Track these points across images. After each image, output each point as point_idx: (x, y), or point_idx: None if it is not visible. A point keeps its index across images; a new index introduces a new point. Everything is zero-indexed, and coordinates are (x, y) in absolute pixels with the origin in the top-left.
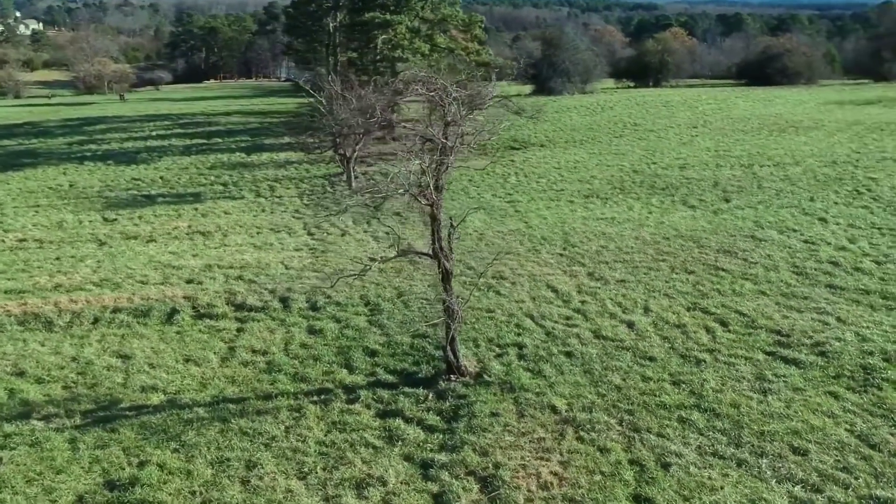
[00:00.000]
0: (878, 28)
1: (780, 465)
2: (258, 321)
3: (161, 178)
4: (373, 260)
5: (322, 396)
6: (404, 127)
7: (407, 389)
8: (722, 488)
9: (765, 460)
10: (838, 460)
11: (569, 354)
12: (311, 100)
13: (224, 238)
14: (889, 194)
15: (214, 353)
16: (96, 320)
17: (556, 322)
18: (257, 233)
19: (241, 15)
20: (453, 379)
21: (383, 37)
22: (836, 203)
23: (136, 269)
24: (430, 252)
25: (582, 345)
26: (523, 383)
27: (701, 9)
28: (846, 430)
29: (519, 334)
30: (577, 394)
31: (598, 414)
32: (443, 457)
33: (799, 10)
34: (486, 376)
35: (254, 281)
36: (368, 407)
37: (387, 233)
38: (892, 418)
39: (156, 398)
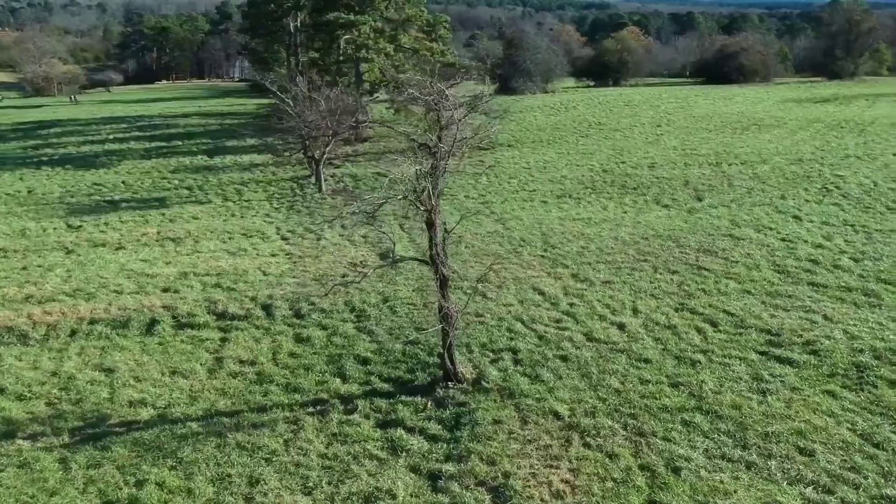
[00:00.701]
0: (832, 27)
1: (789, 466)
2: (242, 330)
3: (123, 182)
4: (359, 266)
5: (318, 407)
6: (371, 128)
7: (405, 398)
8: (735, 492)
9: (773, 462)
10: (845, 460)
11: (564, 358)
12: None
13: (196, 244)
14: (857, 191)
15: (201, 364)
16: (73, 332)
17: (546, 325)
18: (230, 238)
19: (193, 14)
20: (451, 386)
21: (346, 37)
22: (807, 201)
23: (109, 279)
24: (427, 258)
25: (576, 348)
26: (522, 389)
27: (653, 7)
28: (848, 429)
29: (511, 339)
30: (578, 398)
31: (601, 419)
32: (450, 467)
33: (748, 8)
34: (484, 383)
35: (233, 288)
36: (368, 417)
37: (364, 237)
38: (892, 416)
39: (145, 413)
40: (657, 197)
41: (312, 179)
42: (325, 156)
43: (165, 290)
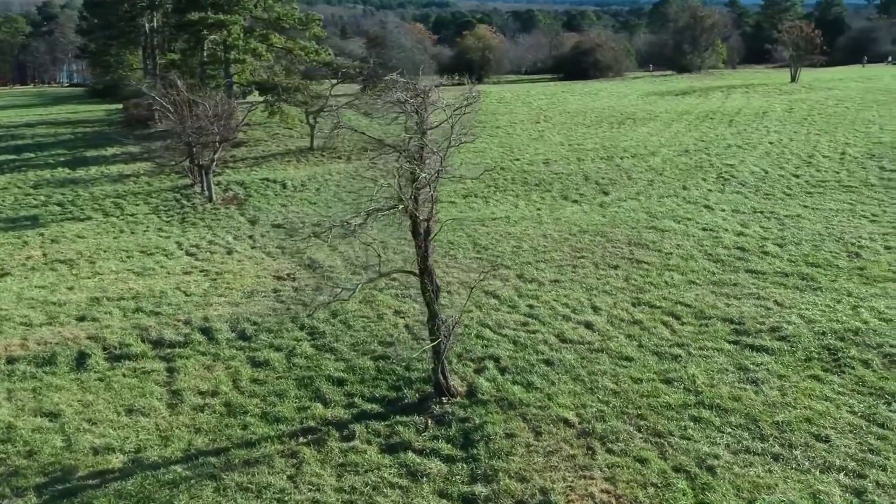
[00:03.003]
0: (678, 23)
1: (813, 454)
2: (186, 358)
3: None
4: (288, 280)
5: (310, 437)
6: (243, 132)
7: (400, 418)
8: (776, 485)
9: (797, 451)
10: (860, 443)
11: (548, 362)
12: (131, 107)
13: (93, 266)
14: (752, 179)
15: (157, 399)
16: None
17: (515, 330)
18: (128, 257)
19: (11, 15)
20: (445, 401)
21: (212, 37)
22: (710, 190)
23: (10, 310)
24: (417, 269)
25: (554, 351)
26: (520, 398)
27: (492, 6)
28: (849, 412)
29: (486, 346)
30: (581, 403)
31: (613, 422)
32: (481, 488)
33: (580, 6)
34: (479, 394)
35: (157, 312)
36: (369, 443)
37: (280, 248)
38: (883, 396)
39: (116, 460)
40: (563, 193)
41: (197, 189)
42: (214, 163)
43: (81, 319)
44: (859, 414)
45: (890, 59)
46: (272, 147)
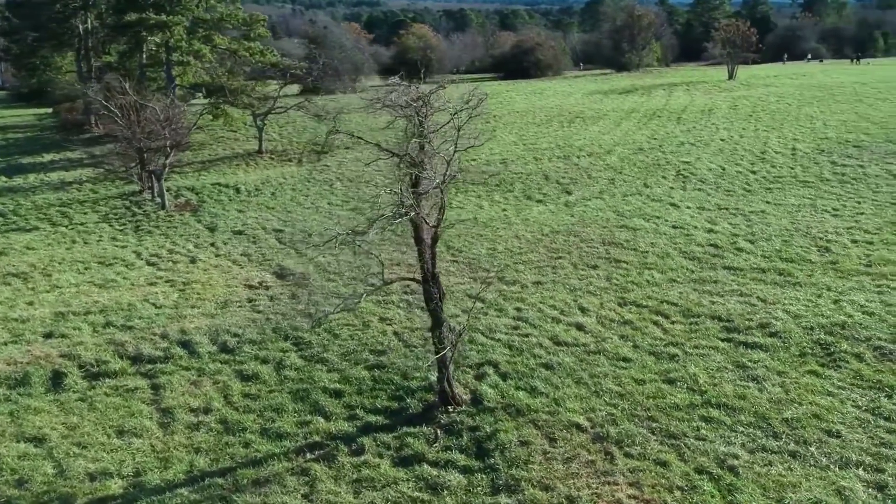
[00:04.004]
0: (616, 22)
1: (828, 450)
2: (169, 374)
3: None
4: (260, 288)
5: (317, 452)
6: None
7: (407, 429)
8: (800, 484)
9: (812, 448)
10: (871, 437)
11: (547, 366)
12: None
13: (50, 279)
14: (711, 176)
15: (147, 418)
16: None
17: (508, 334)
18: (86, 269)
19: None
20: (451, 410)
21: (151, 38)
22: (672, 188)
23: None
24: (420, 277)
25: (551, 354)
26: (527, 404)
27: (423, 5)
28: (853, 406)
29: (481, 351)
30: (589, 407)
31: (625, 426)
32: (506, 499)
33: (511, 5)
34: (485, 402)
35: (130, 326)
36: (380, 456)
37: (246, 256)
38: (883, 389)
39: (115, 485)
40: (526, 192)
41: (147, 195)
42: (167, 169)
43: (49, 336)
44: (864, 408)
45: (809, 56)
46: (219, 151)
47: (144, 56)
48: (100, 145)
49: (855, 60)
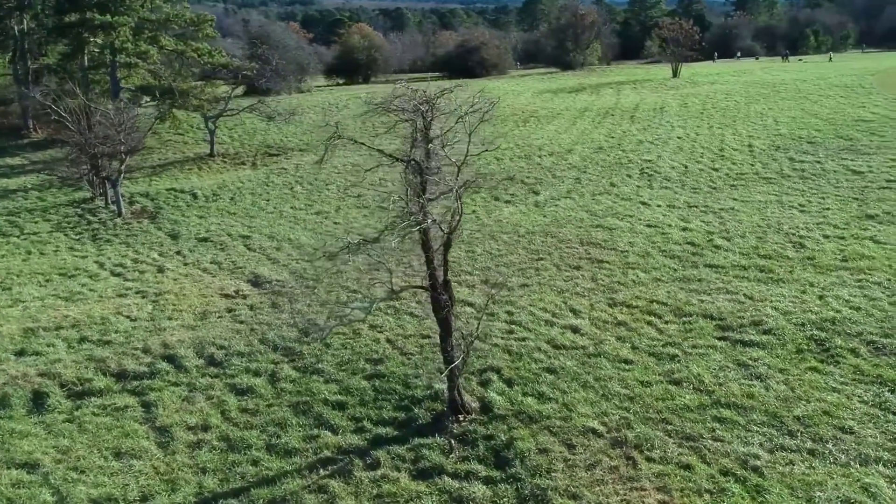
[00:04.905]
0: (560, 21)
1: (846, 447)
2: (158, 390)
3: None
4: (237, 296)
5: (331, 468)
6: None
7: (420, 441)
8: (825, 482)
9: (830, 445)
10: (884, 432)
11: (550, 371)
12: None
13: (10, 292)
14: (675, 174)
15: (144, 438)
16: None
17: (504, 338)
18: (47, 281)
19: None
20: (461, 419)
21: (93, 40)
22: (639, 187)
23: None
24: (429, 285)
25: (551, 358)
26: (537, 410)
27: (357, 4)
28: (860, 402)
29: (481, 357)
30: (602, 411)
31: (641, 429)
32: None
33: (446, 4)
34: (495, 409)
35: (107, 341)
36: (397, 469)
37: (216, 264)
38: (885, 384)
39: None
40: (493, 193)
41: (99, 202)
42: (121, 175)
43: (21, 354)
44: (871, 403)
45: (738, 54)
46: (168, 155)
47: (86, 58)
48: (41, 151)
49: (784, 58)
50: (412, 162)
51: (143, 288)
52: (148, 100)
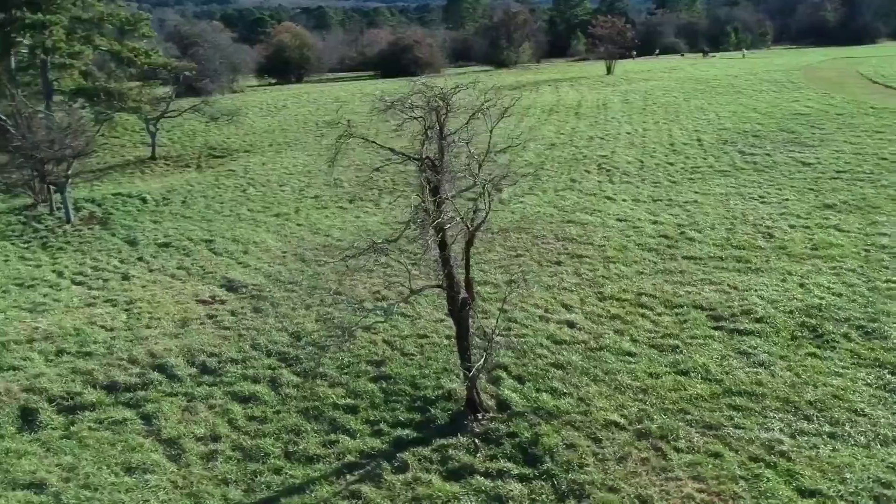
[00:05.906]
0: (493, 19)
1: (863, 429)
2: (155, 401)
3: None
4: (216, 302)
5: (357, 472)
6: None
7: (442, 441)
8: (852, 463)
9: (847, 428)
10: (895, 413)
11: (557, 366)
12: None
13: None
14: (632, 169)
15: (152, 451)
16: None
17: (504, 336)
18: (4, 292)
19: None
20: (480, 418)
21: (20, 40)
22: (600, 182)
23: None
24: (444, 285)
25: (555, 354)
26: (555, 405)
27: (276, 3)
28: (865, 384)
29: (485, 355)
30: (620, 404)
31: (662, 420)
32: None
33: (367, 2)
34: (512, 407)
35: (87, 353)
36: (427, 471)
37: (184, 269)
38: (884, 366)
39: None
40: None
41: (44, 209)
42: (69, 180)
43: None
44: (875, 386)
45: (658, 51)
46: (107, 158)
47: (14, 60)
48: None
49: (704, 55)
50: (426, 160)
51: (111, 296)
52: (83, 101)
